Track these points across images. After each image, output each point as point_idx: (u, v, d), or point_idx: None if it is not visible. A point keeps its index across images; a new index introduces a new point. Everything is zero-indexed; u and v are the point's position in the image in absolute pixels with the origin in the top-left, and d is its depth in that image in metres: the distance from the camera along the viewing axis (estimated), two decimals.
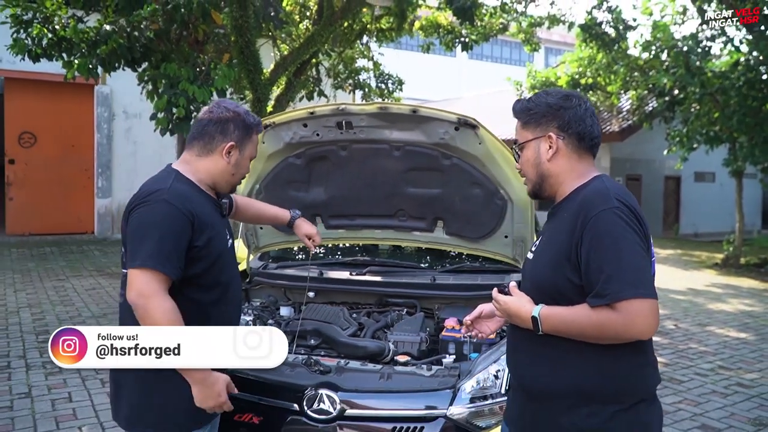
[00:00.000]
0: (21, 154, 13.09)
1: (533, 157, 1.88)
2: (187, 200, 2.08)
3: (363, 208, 3.50)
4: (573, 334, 1.70)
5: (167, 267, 1.98)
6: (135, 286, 1.97)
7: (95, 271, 9.77)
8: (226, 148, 2.19)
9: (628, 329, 1.62)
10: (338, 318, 3.02)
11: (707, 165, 18.50)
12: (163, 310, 1.95)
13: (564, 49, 31.61)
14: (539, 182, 1.90)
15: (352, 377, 2.56)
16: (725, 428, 4.41)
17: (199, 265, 2.09)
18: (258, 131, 2.31)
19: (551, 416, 1.76)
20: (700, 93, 11.41)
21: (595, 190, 1.76)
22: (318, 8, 10.02)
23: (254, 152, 2.32)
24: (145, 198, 2.06)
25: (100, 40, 7.74)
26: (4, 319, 6.80)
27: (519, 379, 1.90)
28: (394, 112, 3.07)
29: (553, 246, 1.79)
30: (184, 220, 2.03)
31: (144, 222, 2.03)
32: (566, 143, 1.84)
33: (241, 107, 2.30)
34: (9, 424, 4.16)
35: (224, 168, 2.22)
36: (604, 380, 1.71)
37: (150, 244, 1.98)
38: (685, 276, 11.31)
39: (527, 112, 1.89)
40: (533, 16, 13.18)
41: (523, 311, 1.77)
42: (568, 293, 1.72)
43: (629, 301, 1.60)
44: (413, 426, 2.41)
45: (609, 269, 1.62)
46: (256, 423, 2.53)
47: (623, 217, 1.67)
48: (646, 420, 1.75)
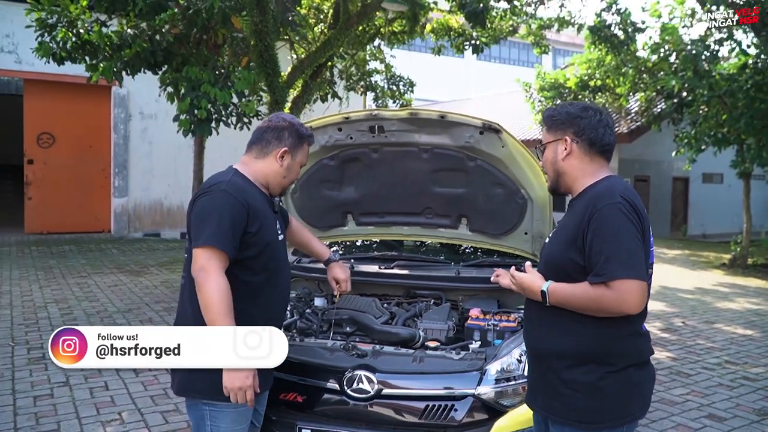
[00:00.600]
0: (40, 154, 13.39)
1: (552, 157, 2.23)
2: (243, 191, 2.36)
3: (392, 206, 3.75)
4: (574, 306, 2.03)
5: (225, 245, 2.24)
6: (198, 262, 2.22)
7: (115, 269, 10.02)
8: (279, 153, 2.48)
9: (620, 305, 1.95)
10: (371, 308, 3.24)
11: (715, 166, 18.61)
12: (218, 286, 2.18)
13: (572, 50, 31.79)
14: (556, 178, 2.25)
15: (388, 360, 2.78)
16: (731, 418, 4.61)
17: (251, 250, 2.35)
18: (310, 142, 2.61)
19: (554, 372, 2.11)
20: (708, 95, 11.55)
21: (604, 187, 2.08)
22: (334, 13, 10.23)
23: (305, 160, 2.60)
24: (206, 189, 2.37)
25: (124, 43, 7.99)
26: (34, 313, 7.05)
27: (531, 343, 2.25)
28: (423, 117, 3.32)
29: (565, 232, 2.13)
30: (240, 207, 2.30)
31: (206, 208, 2.31)
32: (579, 146, 2.17)
33: (296, 119, 2.60)
34: (52, 410, 4.40)
35: (277, 170, 2.50)
36: (600, 346, 2.04)
37: (211, 226, 2.24)
38: (693, 276, 11.48)
39: (551, 119, 2.24)
40: (543, 19, 13.33)
41: (534, 286, 2.13)
42: (572, 272, 2.06)
43: (622, 281, 1.93)
44: (444, 404, 2.64)
45: (607, 252, 1.95)
46: (300, 401, 2.75)
47: (624, 211, 1.99)
48: (635, 381, 2.08)
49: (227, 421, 2.33)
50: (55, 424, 4.17)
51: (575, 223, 2.07)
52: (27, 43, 10.97)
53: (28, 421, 4.21)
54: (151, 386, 4.86)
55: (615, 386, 2.04)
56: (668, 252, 14.79)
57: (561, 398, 2.08)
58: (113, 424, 4.19)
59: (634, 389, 2.09)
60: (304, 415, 2.75)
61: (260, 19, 8.15)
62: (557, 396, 2.09)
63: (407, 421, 2.66)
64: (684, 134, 13.11)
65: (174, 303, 7.68)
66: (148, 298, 8.01)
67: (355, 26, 9.91)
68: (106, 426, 4.17)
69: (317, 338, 3.08)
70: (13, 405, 4.46)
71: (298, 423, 2.73)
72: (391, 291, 3.62)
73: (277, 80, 8.84)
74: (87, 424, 4.17)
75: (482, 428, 2.61)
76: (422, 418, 2.64)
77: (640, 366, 2.12)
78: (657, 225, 19.11)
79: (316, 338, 3.08)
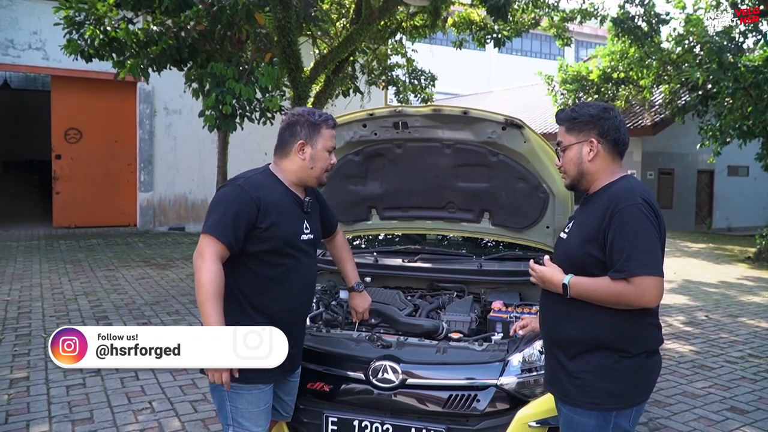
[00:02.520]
0: (67, 149, 13.64)
1: (576, 157, 2.28)
2: (260, 188, 2.45)
3: (415, 201, 3.82)
4: (595, 299, 2.14)
5: (224, 236, 2.34)
6: (198, 247, 2.36)
7: (142, 262, 10.20)
8: (297, 147, 2.53)
9: (639, 299, 2.06)
10: (395, 300, 3.32)
11: (740, 159, 18.41)
12: (209, 272, 2.29)
13: (595, 42, 31.51)
14: (578, 178, 2.30)
15: (412, 351, 2.86)
16: (753, 411, 4.61)
17: (264, 245, 2.44)
18: (328, 126, 2.58)
19: (571, 357, 2.23)
20: (733, 87, 11.43)
21: (623, 188, 2.17)
22: (356, 8, 10.28)
23: (329, 143, 2.58)
24: (227, 182, 2.53)
25: (150, 40, 8.12)
26: (64, 306, 7.23)
27: (548, 331, 2.35)
28: (446, 113, 3.38)
29: (585, 229, 2.20)
30: (250, 202, 2.39)
31: (216, 199, 2.46)
32: (604, 147, 2.24)
33: (308, 109, 2.62)
34: (84, 399, 4.54)
35: (301, 164, 2.55)
36: (616, 334, 2.15)
37: (215, 216, 2.38)
38: (717, 269, 11.39)
39: (572, 120, 2.28)
40: (565, 11, 13.25)
41: (555, 279, 2.22)
42: (590, 267, 2.16)
43: (642, 278, 2.03)
44: (468, 394, 2.70)
45: (628, 250, 2.05)
46: (326, 390, 2.84)
47: (644, 211, 2.09)
48: (645, 366, 2.20)
49: (244, 402, 2.46)
50: (88, 412, 4.31)
51: (596, 221, 2.15)
52: (54, 39, 11.22)
53: (62, 409, 4.34)
54: (179, 376, 4.98)
55: (628, 371, 2.16)
56: (692, 245, 14.67)
57: (576, 381, 2.20)
58: (144, 413, 4.32)
59: (644, 375, 2.20)
60: (330, 403, 2.83)
61: (283, 15, 8.24)
62: (572, 380, 2.21)
63: (431, 410, 2.73)
64: (709, 127, 13.00)
65: None
66: (175, 291, 8.16)
67: (377, 21, 9.95)
68: (137, 414, 4.29)
69: (343, 329, 3.16)
70: (47, 394, 4.60)
71: (324, 411, 2.80)
72: (415, 284, 3.69)
73: (300, 75, 8.93)
74: (119, 413, 4.30)
75: (504, 417, 2.67)
76: (445, 408, 2.70)
77: (651, 354, 2.22)
78: (681, 218, 18.96)
79: (341, 329, 3.16)
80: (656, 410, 4.55)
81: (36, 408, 4.35)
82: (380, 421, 2.73)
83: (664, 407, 4.62)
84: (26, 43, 12.83)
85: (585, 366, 2.18)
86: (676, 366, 5.60)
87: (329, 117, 2.61)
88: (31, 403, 4.43)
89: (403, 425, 2.71)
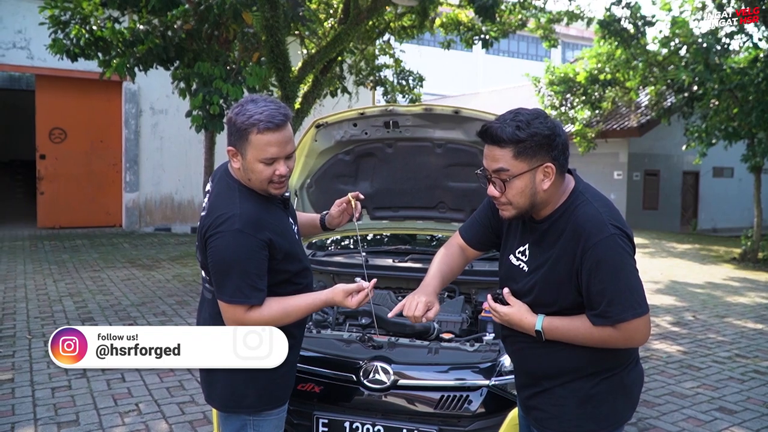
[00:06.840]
0: (52, 149, 13.52)
1: (528, 188, 1.88)
2: (259, 224, 2.07)
3: (406, 201, 3.80)
4: (575, 342, 1.93)
5: (252, 297, 2.06)
6: (229, 317, 2.09)
7: (128, 263, 10.11)
8: (229, 153, 2.10)
9: (627, 342, 1.90)
10: (386, 300, 3.29)
11: (726, 160, 18.58)
12: (269, 315, 2.09)
13: (581, 44, 31.69)
14: (528, 209, 1.93)
15: (403, 352, 2.83)
16: (741, 411, 4.63)
17: (283, 274, 2.18)
18: (259, 130, 2.00)
19: (549, 388, 2.03)
20: (719, 89, 11.54)
21: (588, 216, 1.87)
22: (344, 8, 10.26)
23: (260, 154, 2.03)
24: (218, 227, 2.05)
25: (136, 40, 8.06)
26: (49, 307, 7.14)
27: (521, 365, 2.14)
28: (437, 113, 3.36)
29: (554, 270, 1.92)
30: (262, 248, 2.07)
31: (224, 257, 2.04)
32: (557, 169, 1.89)
33: (240, 108, 2.06)
34: (70, 401, 4.48)
35: (238, 173, 2.14)
36: (595, 361, 1.96)
37: (234, 280, 2.03)
38: (703, 270, 11.47)
39: (520, 144, 1.84)
40: (552, 12, 13.32)
41: (525, 322, 1.97)
42: (569, 307, 1.93)
43: (629, 322, 1.83)
44: (459, 395, 2.68)
45: (610, 294, 1.82)
46: (316, 392, 2.80)
47: (619, 243, 1.83)
48: (625, 383, 2.02)
49: (270, 428, 2.26)
50: (73, 414, 4.25)
51: (564, 264, 1.89)
52: (39, 39, 11.12)
53: (48, 411, 4.28)
54: (167, 378, 4.93)
55: (607, 391, 1.98)
56: (678, 246, 14.77)
57: (553, 410, 2.02)
58: (131, 415, 4.27)
59: (625, 391, 2.02)
60: (320, 404, 2.79)
61: (271, 14, 8.20)
62: (551, 409, 2.03)
63: (422, 411, 2.70)
64: (694, 128, 13.10)
65: (186, 296, 7.78)
66: (161, 291, 8.09)
67: (365, 21, 9.94)
68: (124, 416, 4.24)
69: (333, 330, 3.13)
70: (32, 396, 4.53)
71: (315, 413, 2.77)
72: (405, 284, 3.67)
73: (288, 75, 8.89)
74: (105, 415, 4.25)
75: (496, 418, 2.65)
76: (437, 409, 2.68)
77: (630, 366, 2.04)
78: (667, 219, 19.10)
79: (332, 330, 3.13)
80: (645, 410, 4.56)
81: (21, 410, 4.29)
82: (371, 422, 2.70)
83: (652, 407, 4.64)
84: (10, 42, 12.70)
85: (565, 395, 1.99)
86: (664, 366, 5.62)
87: (261, 119, 2.00)
88: (16, 405, 4.37)
89: (395, 426, 2.69)
